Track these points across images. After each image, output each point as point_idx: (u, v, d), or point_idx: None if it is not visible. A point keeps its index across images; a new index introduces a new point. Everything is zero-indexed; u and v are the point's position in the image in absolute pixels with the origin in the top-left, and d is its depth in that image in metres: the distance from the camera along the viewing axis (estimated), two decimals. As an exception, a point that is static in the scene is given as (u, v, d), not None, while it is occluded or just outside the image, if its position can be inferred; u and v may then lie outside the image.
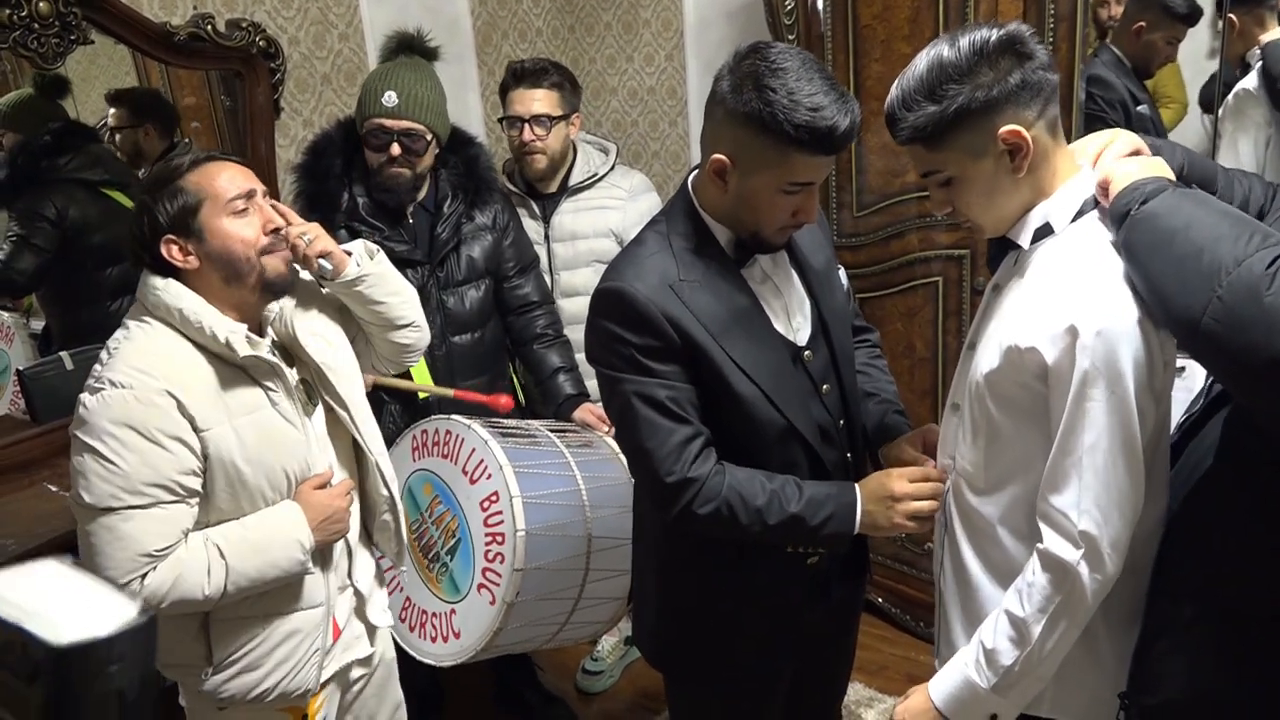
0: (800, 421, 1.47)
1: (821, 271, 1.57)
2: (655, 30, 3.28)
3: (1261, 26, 2.26)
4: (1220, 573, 1.26)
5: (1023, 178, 1.28)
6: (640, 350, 1.38)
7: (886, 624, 2.95)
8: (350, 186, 2.14)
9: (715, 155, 1.38)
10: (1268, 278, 1.02)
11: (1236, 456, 1.26)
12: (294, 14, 2.60)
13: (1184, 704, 1.29)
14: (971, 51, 1.23)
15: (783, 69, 1.30)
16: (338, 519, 1.56)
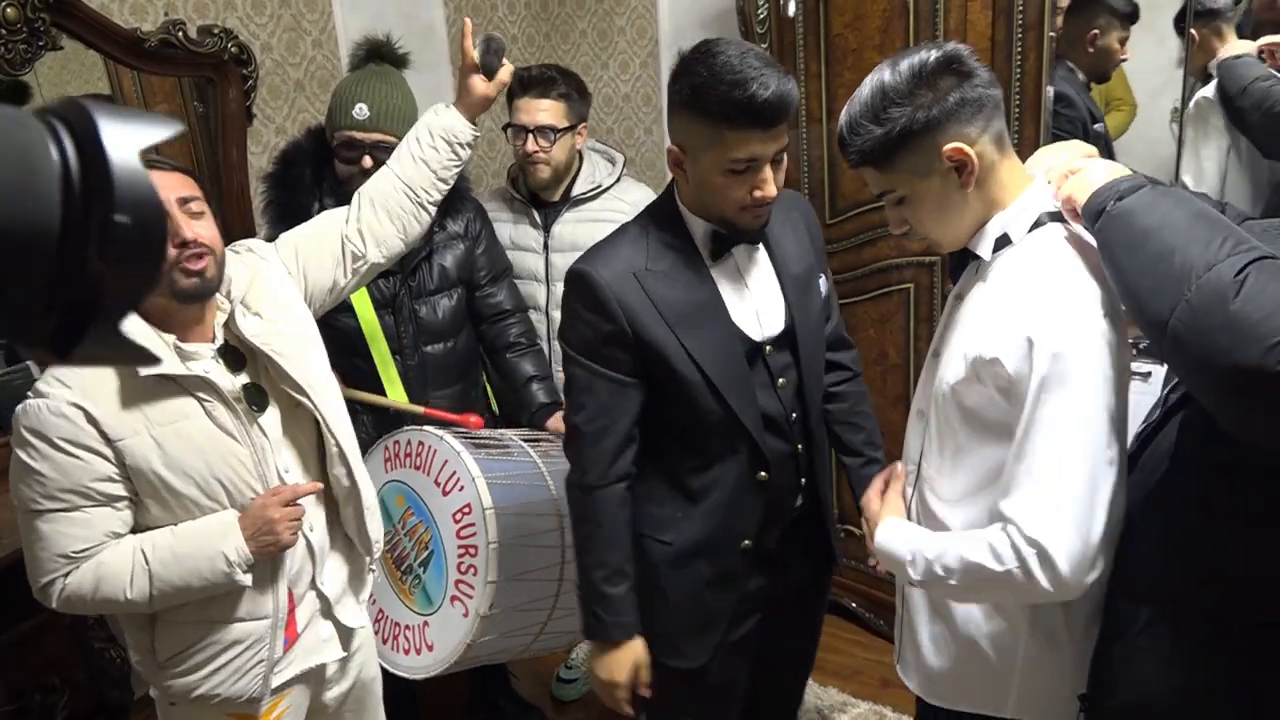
0: (744, 412, 1.53)
1: (800, 277, 1.62)
2: (630, 38, 3.29)
3: (1220, 38, 2.30)
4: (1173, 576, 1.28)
5: (972, 192, 1.31)
6: (594, 331, 1.50)
7: (859, 628, 2.96)
8: (321, 196, 2.13)
9: (669, 146, 1.48)
10: (1235, 284, 1.03)
11: (1192, 460, 1.28)
12: (267, 20, 2.58)
13: (1141, 707, 1.30)
14: (911, 74, 1.27)
15: (715, 54, 1.37)
16: (268, 530, 1.52)
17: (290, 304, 1.68)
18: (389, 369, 2.17)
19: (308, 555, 1.66)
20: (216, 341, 1.57)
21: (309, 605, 1.69)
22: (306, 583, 1.67)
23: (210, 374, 1.52)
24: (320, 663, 1.72)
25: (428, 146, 1.84)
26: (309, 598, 1.68)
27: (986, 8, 2.31)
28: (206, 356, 1.54)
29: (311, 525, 1.66)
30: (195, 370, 1.51)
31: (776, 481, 1.62)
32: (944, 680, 1.50)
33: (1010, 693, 1.42)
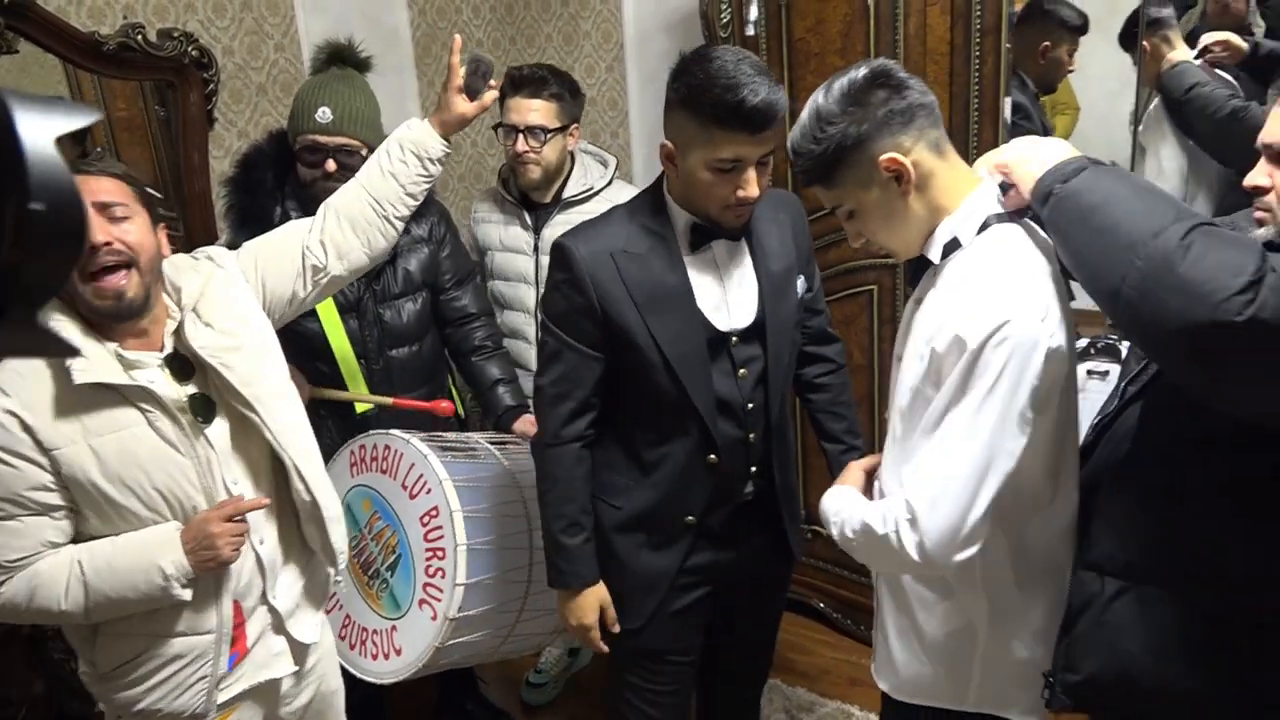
0: (697, 395, 1.61)
1: (777, 275, 1.67)
2: (596, 42, 3.30)
3: (1169, 45, 2.36)
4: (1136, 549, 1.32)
5: (915, 200, 1.35)
6: (568, 303, 1.60)
7: (828, 628, 2.99)
8: (283, 200, 2.11)
9: (662, 141, 1.55)
10: (1183, 248, 1.08)
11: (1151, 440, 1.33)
12: (228, 24, 2.57)
13: (1106, 680, 1.34)
14: (841, 93, 1.33)
15: (711, 59, 1.45)
16: (208, 544, 1.48)
17: (246, 314, 1.65)
18: (354, 373, 2.16)
19: (257, 569, 1.63)
20: (164, 350, 1.54)
21: (260, 619, 1.66)
22: (257, 597, 1.64)
23: (154, 384, 1.49)
24: (272, 678, 1.69)
25: (397, 160, 1.81)
26: (260, 612, 1.65)
27: (945, 12, 2.34)
28: (152, 365, 1.52)
29: (262, 539, 1.63)
30: (139, 380, 1.47)
31: (726, 467, 1.68)
32: (907, 676, 1.52)
33: (970, 687, 1.44)
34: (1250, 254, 1.07)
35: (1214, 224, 1.13)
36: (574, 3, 3.28)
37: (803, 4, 2.53)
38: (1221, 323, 1.04)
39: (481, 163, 3.36)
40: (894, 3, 2.39)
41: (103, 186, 1.47)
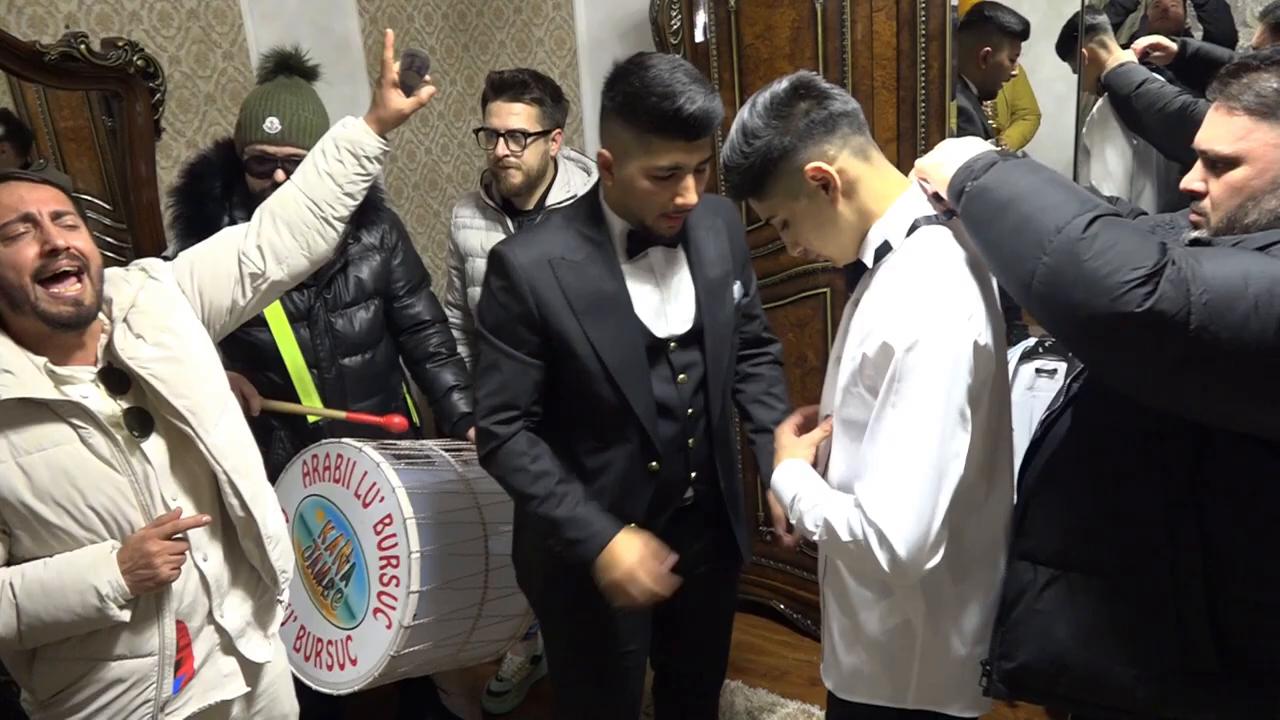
0: (637, 401, 1.60)
1: (714, 280, 1.68)
2: (549, 49, 3.31)
3: (1106, 49, 2.42)
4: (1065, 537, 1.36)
5: (843, 206, 1.38)
6: (506, 311, 1.58)
7: (787, 629, 3.01)
8: (231, 210, 2.09)
9: (600, 151, 1.55)
10: (1087, 240, 1.12)
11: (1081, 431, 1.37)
12: (174, 33, 2.54)
13: (1040, 666, 1.38)
14: (765, 107, 1.37)
15: (646, 67, 1.44)
16: (146, 564, 1.45)
17: (180, 326, 1.61)
18: (305, 383, 2.15)
19: (202, 588, 1.59)
20: (98, 364, 1.51)
21: (207, 639, 1.62)
22: (203, 616, 1.60)
23: (87, 399, 1.46)
24: (222, 699, 1.65)
25: (334, 160, 1.79)
26: (207, 632, 1.62)
27: (891, 18, 2.38)
28: (85, 380, 1.49)
29: (205, 556, 1.59)
30: (70, 395, 1.45)
31: (666, 473, 1.68)
32: (850, 675, 1.54)
33: (910, 684, 1.47)
34: (1150, 245, 1.11)
35: (1118, 214, 1.17)
36: (527, 10, 3.29)
37: (751, 11, 2.56)
38: (1122, 314, 1.08)
39: (436, 170, 3.35)
40: (841, 9, 2.43)
41: (53, 195, 1.46)
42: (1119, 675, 1.32)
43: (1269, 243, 1.17)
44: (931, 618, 1.43)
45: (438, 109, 3.31)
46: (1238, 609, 1.25)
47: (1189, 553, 1.26)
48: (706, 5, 2.61)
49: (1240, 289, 1.08)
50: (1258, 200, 1.23)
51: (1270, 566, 1.24)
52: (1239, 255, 1.14)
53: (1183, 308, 1.07)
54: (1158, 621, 1.29)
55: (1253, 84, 1.23)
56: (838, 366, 1.45)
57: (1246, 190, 1.24)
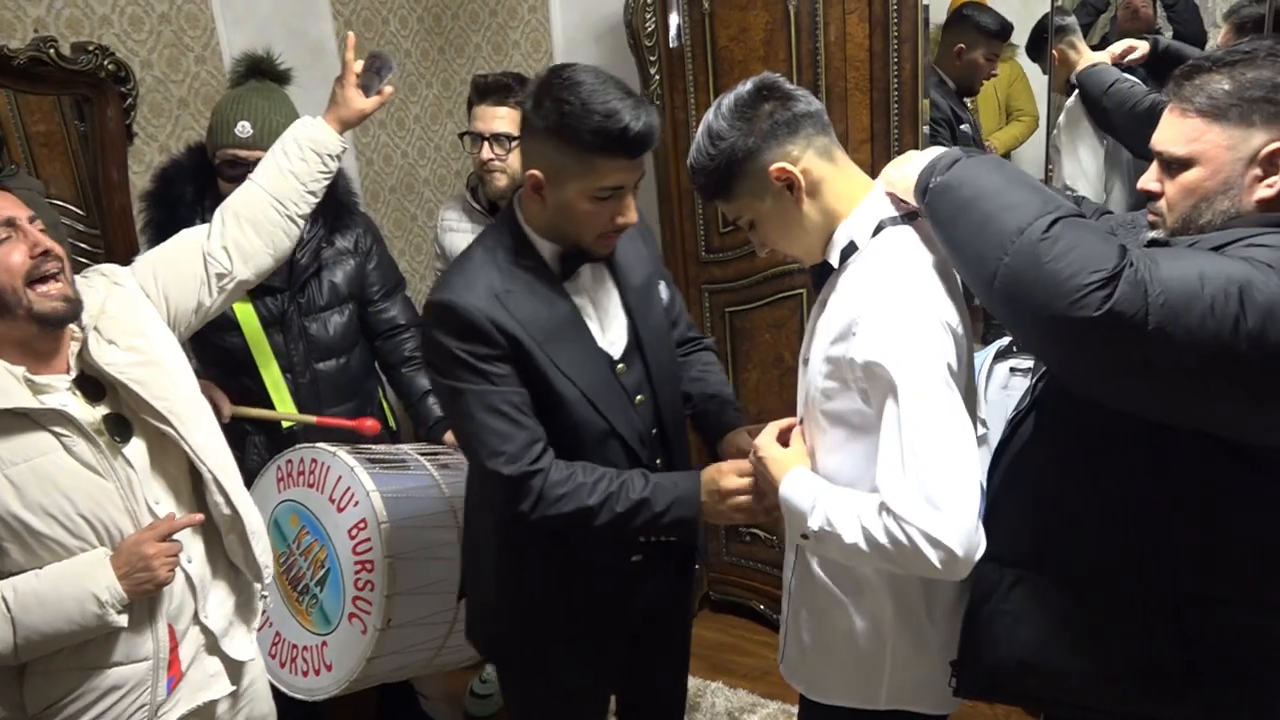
0: (620, 424, 1.55)
1: (640, 288, 1.64)
2: (525, 51, 3.31)
3: (1075, 50, 2.44)
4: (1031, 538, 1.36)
5: (808, 207, 1.38)
6: (476, 358, 1.45)
7: (767, 629, 3.01)
8: (203, 214, 2.09)
9: (530, 172, 1.45)
10: (1048, 242, 1.13)
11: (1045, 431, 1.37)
12: (146, 37, 2.53)
13: (1008, 667, 1.39)
14: (729, 110, 1.37)
15: (577, 83, 1.39)
16: (144, 567, 1.45)
17: (148, 329, 1.61)
18: (279, 388, 2.14)
19: (188, 589, 1.60)
20: (71, 373, 1.51)
21: (193, 640, 1.62)
22: (189, 617, 1.61)
23: (67, 407, 1.46)
24: (209, 699, 1.66)
25: (296, 158, 1.81)
26: (192, 633, 1.62)
27: (864, 20, 2.39)
28: (61, 389, 1.49)
29: (190, 557, 1.59)
30: (50, 404, 1.44)
31: None
32: (820, 677, 1.55)
33: (882, 686, 1.47)
34: (1110, 248, 1.12)
35: (1080, 214, 1.17)
36: (502, 12, 3.29)
37: (725, 13, 2.56)
38: (1081, 318, 1.09)
39: (413, 173, 3.34)
40: (814, 11, 2.44)
41: (12, 200, 1.48)
42: (1084, 674, 1.33)
43: (1224, 243, 1.19)
44: (901, 617, 1.44)
45: (414, 112, 3.30)
46: (1199, 607, 1.26)
47: (1151, 553, 1.27)
48: (681, 8, 2.62)
49: (1196, 290, 1.09)
50: (1210, 201, 1.24)
51: (1230, 565, 1.25)
52: (1194, 256, 1.15)
53: (1140, 309, 1.08)
54: (1121, 620, 1.30)
55: (1204, 86, 1.23)
56: (807, 367, 1.46)
57: (1200, 191, 1.25)
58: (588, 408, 1.52)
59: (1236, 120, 1.21)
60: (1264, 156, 1.20)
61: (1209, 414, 1.17)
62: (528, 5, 3.25)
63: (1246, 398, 1.13)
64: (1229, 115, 1.21)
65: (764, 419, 1.63)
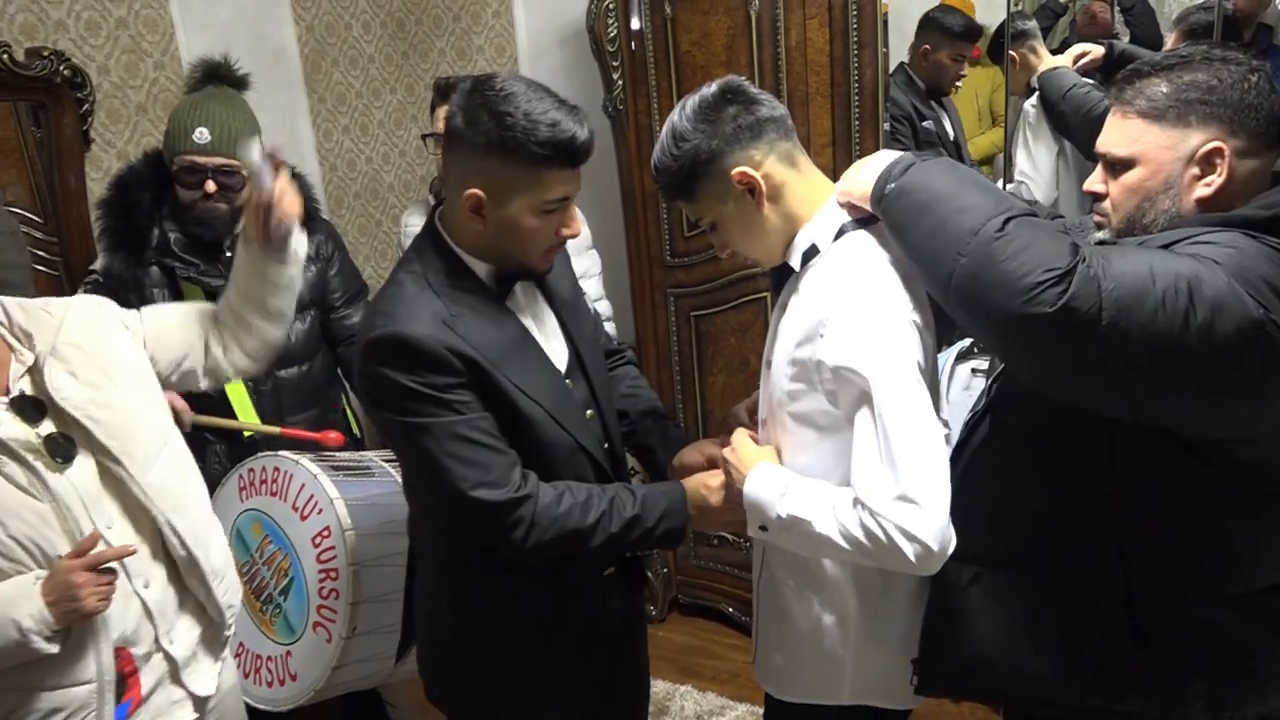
0: (584, 439, 1.52)
1: (569, 301, 1.61)
2: (489, 56, 3.31)
3: (1036, 55, 2.48)
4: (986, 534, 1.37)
5: (770, 210, 1.39)
6: (436, 389, 1.37)
7: (736, 632, 3.02)
8: (161, 222, 2.07)
9: (469, 191, 1.37)
10: (1002, 241, 1.15)
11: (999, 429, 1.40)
12: (103, 42, 2.50)
13: (968, 664, 1.40)
14: (693, 112, 1.37)
15: (512, 94, 1.34)
16: (70, 595, 1.40)
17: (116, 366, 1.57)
18: (240, 396, 2.12)
19: (144, 615, 1.55)
20: (11, 393, 1.47)
21: (157, 667, 1.57)
22: (149, 643, 1.56)
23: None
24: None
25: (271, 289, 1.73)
26: (155, 660, 1.57)
27: (824, 26, 2.42)
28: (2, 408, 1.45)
29: (147, 582, 1.54)
30: None
31: None
32: (785, 675, 1.56)
33: (845, 680, 1.49)
34: (1063, 246, 1.14)
35: (1032, 214, 1.20)
36: (466, 17, 3.29)
37: (687, 18, 2.58)
38: (1036, 314, 1.11)
39: (378, 179, 3.33)
40: (774, 17, 2.46)
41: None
42: (1042, 669, 1.35)
43: (1171, 241, 1.21)
44: (863, 612, 1.45)
45: (377, 117, 3.29)
46: (1153, 600, 1.29)
47: (1105, 547, 1.29)
48: (642, 13, 2.63)
49: (1148, 285, 1.11)
50: (1153, 201, 1.27)
51: (1185, 560, 1.28)
52: (1144, 253, 1.18)
53: (1094, 304, 1.10)
54: (1077, 615, 1.32)
55: (1144, 89, 1.27)
56: (770, 369, 1.47)
57: (1142, 191, 1.28)
58: (554, 425, 1.47)
59: (1174, 121, 1.24)
60: (1201, 156, 1.24)
61: (1164, 410, 1.20)
62: (491, 10, 3.25)
63: (1198, 391, 1.16)
64: (1167, 116, 1.25)
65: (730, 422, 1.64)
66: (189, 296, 2.09)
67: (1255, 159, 1.25)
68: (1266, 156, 1.26)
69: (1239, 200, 1.25)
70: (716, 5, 2.54)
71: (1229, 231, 1.20)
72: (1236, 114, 1.22)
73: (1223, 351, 1.11)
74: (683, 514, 1.50)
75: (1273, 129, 1.24)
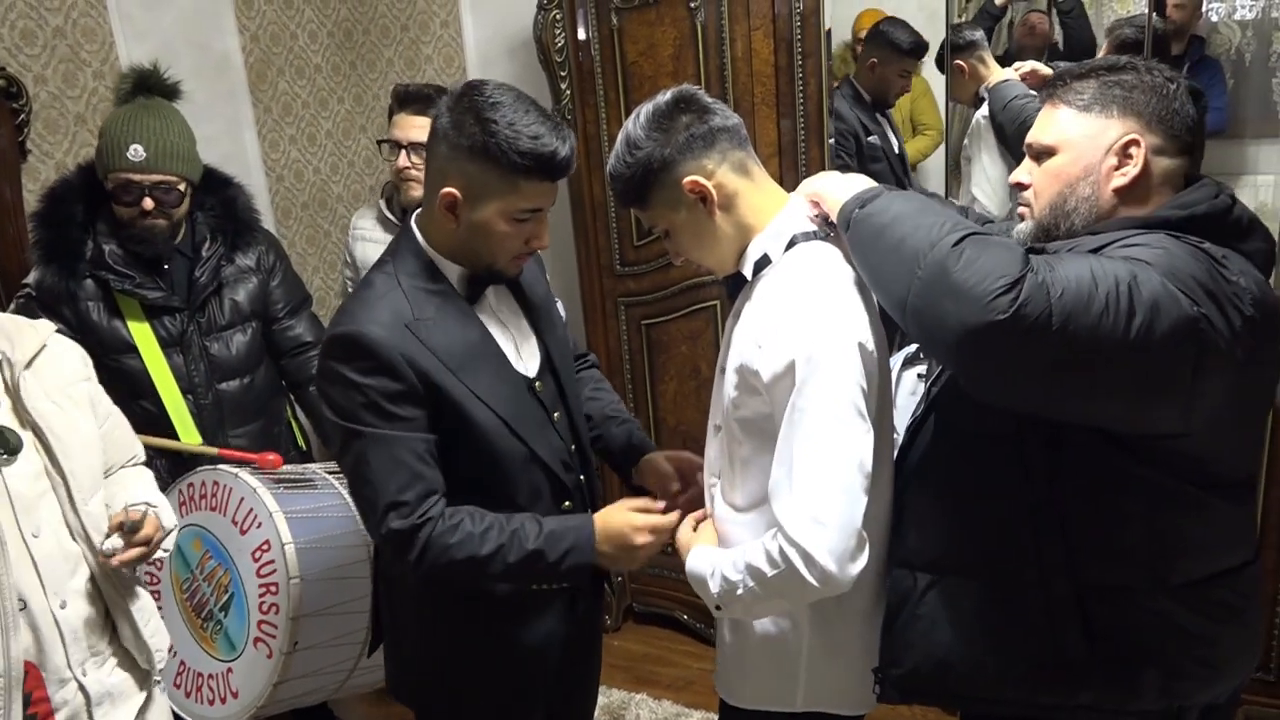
0: (541, 449, 1.52)
1: (542, 305, 1.63)
2: (438, 66, 3.30)
3: (984, 65, 2.52)
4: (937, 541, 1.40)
5: (722, 219, 1.41)
6: (381, 395, 1.38)
7: (691, 639, 3.02)
8: (95, 235, 2.03)
9: (445, 190, 1.41)
10: (956, 254, 1.18)
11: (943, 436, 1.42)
12: (39, 51, 2.45)
13: (927, 671, 1.41)
14: (646, 120, 1.39)
15: (499, 103, 1.38)
16: None
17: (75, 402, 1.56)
18: (180, 410, 2.09)
19: (57, 635, 1.47)
20: None
21: (70, 697, 1.50)
22: (60, 666, 1.49)
23: None
24: None
25: None
26: (70, 688, 1.50)
27: (768, 36, 2.44)
28: None
29: (64, 603, 1.48)
30: None
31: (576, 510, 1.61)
32: (739, 682, 1.56)
33: (799, 688, 1.49)
34: (1014, 256, 1.17)
35: (985, 232, 1.23)
36: (414, 27, 3.27)
37: (634, 29, 2.59)
38: (990, 322, 1.13)
39: (326, 189, 3.30)
40: (720, 28, 2.48)
41: None
42: (999, 670, 1.36)
43: (1101, 245, 1.25)
44: (817, 620, 1.45)
45: (325, 128, 3.26)
46: (1101, 596, 1.31)
47: (1052, 548, 1.32)
48: (589, 23, 2.64)
49: (1091, 289, 1.14)
50: (1073, 188, 1.33)
51: (1128, 553, 1.31)
52: (1083, 258, 1.21)
53: (1044, 310, 1.13)
54: (1029, 615, 1.34)
55: (1074, 86, 1.35)
56: (723, 376, 1.47)
57: (1063, 176, 1.34)
58: (508, 435, 1.48)
59: (1098, 112, 1.32)
60: (1119, 147, 1.30)
61: (1103, 410, 1.22)
62: (439, 20, 3.24)
63: (1137, 389, 1.19)
64: (1091, 108, 1.32)
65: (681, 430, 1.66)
66: (125, 309, 2.07)
67: (1169, 158, 1.31)
68: (1180, 159, 1.33)
69: (1155, 196, 1.31)
70: (663, 16, 2.55)
71: (1153, 233, 1.25)
72: (1154, 113, 1.30)
73: (1161, 349, 1.15)
74: (589, 551, 1.47)
75: (1186, 134, 1.32)
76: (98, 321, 2.05)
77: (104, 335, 2.05)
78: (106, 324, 2.05)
